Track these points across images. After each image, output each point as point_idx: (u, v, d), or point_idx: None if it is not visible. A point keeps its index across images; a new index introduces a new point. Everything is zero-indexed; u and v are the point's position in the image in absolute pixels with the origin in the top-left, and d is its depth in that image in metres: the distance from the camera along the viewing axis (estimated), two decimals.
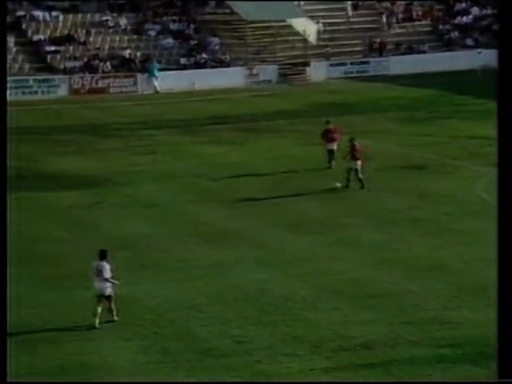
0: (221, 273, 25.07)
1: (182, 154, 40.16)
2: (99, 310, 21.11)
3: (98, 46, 58.96)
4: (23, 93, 54.60)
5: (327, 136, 36.10)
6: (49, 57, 57.62)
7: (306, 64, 60.78)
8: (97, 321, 21.06)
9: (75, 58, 57.84)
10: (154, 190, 33.93)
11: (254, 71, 59.55)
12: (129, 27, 60.78)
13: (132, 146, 41.95)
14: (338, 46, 62.27)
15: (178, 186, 33.72)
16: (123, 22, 60.90)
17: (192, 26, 61.87)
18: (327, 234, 28.34)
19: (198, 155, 39.85)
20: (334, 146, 35.81)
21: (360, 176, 32.61)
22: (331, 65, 61.42)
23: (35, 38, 58.51)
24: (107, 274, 21.15)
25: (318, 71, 60.56)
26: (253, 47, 61.16)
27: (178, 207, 31.70)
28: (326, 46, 61.90)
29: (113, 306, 21.34)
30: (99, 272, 21.18)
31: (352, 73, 61.34)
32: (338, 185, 32.41)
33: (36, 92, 54.95)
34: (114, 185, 34.97)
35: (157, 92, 56.26)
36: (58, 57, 57.68)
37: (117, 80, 56.74)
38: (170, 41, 60.36)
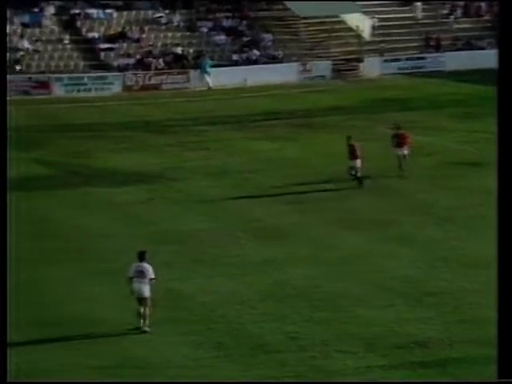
0: (273, 269, 25.05)
1: (235, 149, 40.20)
2: (142, 310, 20.77)
3: (151, 43, 59.29)
4: (78, 90, 55.08)
5: (397, 140, 35.32)
6: (102, 54, 58.06)
7: (360, 60, 60.55)
8: (142, 321, 20.75)
9: (128, 56, 58.19)
10: (206, 185, 34.02)
11: (308, 67, 59.46)
12: (182, 24, 61.03)
13: (185, 142, 42.12)
14: (393, 42, 61.89)
15: (230, 182, 33.77)
16: (176, 18, 61.16)
17: (245, 22, 61.93)
18: (381, 230, 28.17)
19: (250, 151, 39.85)
20: (405, 151, 34.65)
21: (358, 175, 32.55)
22: (385, 60, 61.08)
23: (89, 35, 59.01)
24: (150, 274, 20.80)
25: (371, 67, 60.28)
26: (306, 43, 61.07)
27: (231, 203, 31.75)
28: (381, 41, 61.57)
29: (147, 311, 20.75)
30: (140, 273, 20.74)
31: (407, 69, 60.91)
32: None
33: (90, 89, 55.36)
34: (168, 181, 35.14)
35: (209, 88, 56.41)
36: (112, 54, 58.09)
37: (170, 77, 57.00)
38: (222, 37, 60.50)
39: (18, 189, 33.75)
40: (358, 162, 32.77)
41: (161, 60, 58.08)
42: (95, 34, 58.96)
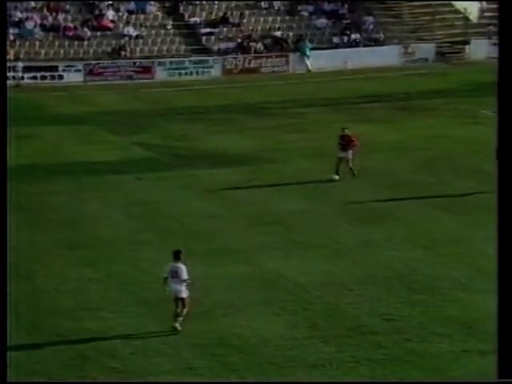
0: (370, 251, 25.01)
1: (333, 132, 40.02)
2: (179, 310, 19.93)
3: (251, 27, 59.48)
4: (179, 74, 55.66)
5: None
6: (204, 38, 58.55)
7: (466, 42, 59.59)
8: (175, 320, 19.86)
9: (229, 39, 58.54)
10: (304, 167, 34.05)
11: (410, 50, 58.84)
12: (282, 8, 61.04)
13: (284, 124, 42.23)
14: None
15: (328, 164, 33.69)
16: (277, 3, 61.19)
17: (346, 5, 61.60)
18: (481, 214, 27.78)
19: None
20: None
21: (350, 165, 31.59)
22: (493, 44, 59.95)
23: (191, 20, 59.54)
24: (184, 275, 19.85)
25: (478, 50, 59.23)
26: (409, 26, 60.41)
27: (328, 185, 31.72)
28: (489, 24, 60.48)
29: (184, 311, 19.90)
30: (174, 273, 19.89)
31: None
32: (336, 177, 31.46)
33: (191, 73, 55.89)
34: (266, 162, 35.32)
35: (309, 71, 56.38)
36: (213, 38, 58.53)
37: (269, 60, 57.12)
38: (323, 21, 60.31)
39: (119, 172, 34.41)
40: (350, 154, 31.61)
41: (260, 44, 58.25)
42: (197, 19, 59.46)
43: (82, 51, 56.13)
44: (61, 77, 53.88)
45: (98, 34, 57.05)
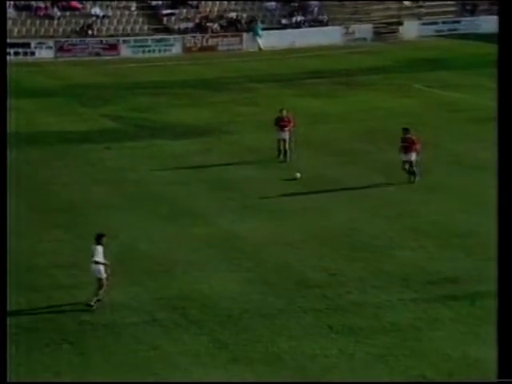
0: (315, 214, 25.06)
1: (283, 105, 39.93)
2: (96, 289, 19.01)
3: (208, 9, 59.03)
4: (143, 51, 55.14)
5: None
6: (165, 19, 58.03)
7: (400, 23, 59.75)
8: (92, 302, 18.88)
9: (188, 20, 58.08)
10: (258, 138, 33.95)
11: (350, 30, 58.82)
12: None
13: (238, 98, 42.04)
14: (431, 7, 60.90)
15: (269, 135, 33.64)
16: None
17: None
18: (415, 179, 27.95)
19: (297, 107, 39.61)
20: None
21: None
22: (423, 24, 60.15)
23: (153, 2, 58.92)
24: (96, 257, 18.90)
25: (410, 30, 59.43)
26: (349, 8, 60.36)
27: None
28: (419, 6, 60.64)
29: (100, 291, 18.94)
30: (92, 255, 19.04)
31: (443, 31, 59.89)
32: (298, 175, 27.80)
33: (154, 50, 55.43)
34: (223, 133, 35.18)
35: (260, 49, 56.13)
36: (173, 19, 58.02)
37: (225, 39, 56.81)
38: (273, 4, 60.00)
39: (89, 141, 34.08)
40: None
41: (217, 24, 57.86)
42: (159, 2, 58.83)
43: (53, 29, 55.38)
44: (33, 53, 53.13)
45: (67, 13, 56.32)
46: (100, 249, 19.01)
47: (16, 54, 52.56)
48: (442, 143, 32.33)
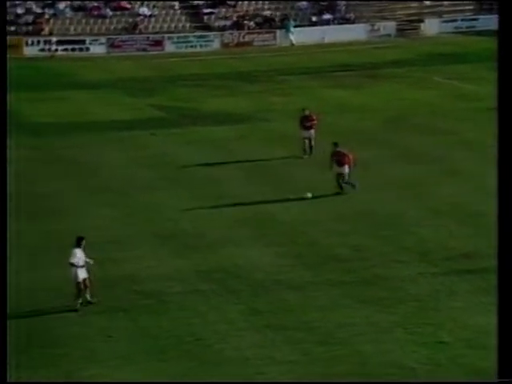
0: (342, 195, 24.96)
1: (313, 96, 39.98)
2: (78, 292, 17.82)
3: (245, 8, 58.93)
4: (185, 47, 55.20)
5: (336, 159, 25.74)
6: (205, 17, 58.06)
7: (421, 21, 59.33)
8: (78, 301, 17.74)
9: (226, 18, 58.05)
10: (289, 125, 33.82)
11: (376, 27, 58.44)
12: None
13: (271, 89, 41.96)
14: (451, 6, 60.36)
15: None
16: None
17: None
18: (434, 164, 27.82)
19: (325, 97, 39.60)
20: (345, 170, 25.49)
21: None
22: (443, 21, 59.60)
23: (195, 2, 58.95)
24: (70, 258, 17.74)
25: (431, 27, 58.96)
26: (375, 7, 59.95)
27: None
28: (439, 5, 60.10)
29: (81, 293, 17.73)
30: (74, 259, 17.78)
31: (462, 28, 59.24)
32: (309, 195, 24.63)
33: (195, 46, 55.44)
34: (258, 121, 35.16)
35: (292, 45, 55.92)
36: (213, 17, 58.03)
37: (260, 35, 56.68)
38: (304, 3, 59.73)
39: (135, 128, 34.25)
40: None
41: (252, 22, 57.81)
42: (200, 1, 58.82)
43: (105, 27, 55.70)
44: (87, 49, 53.49)
45: (118, 13, 56.60)
46: (78, 252, 17.59)
47: (73, 50, 53.01)
48: (459, 131, 32.08)
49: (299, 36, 56.05)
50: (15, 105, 38.66)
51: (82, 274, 17.73)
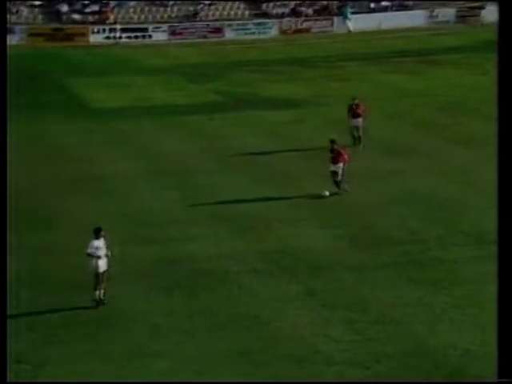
0: (397, 178, 24.85)
1: (370, 81, 39.76)
2: (97, 284, 17.02)
3: None
4: (244, 34, 55.31)
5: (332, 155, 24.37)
6: (264, 5, 57.98)
7: (481, 7, 58.28)
8: (97, 293, 16.97)
9: (284, 6, 57.89)
10: (345, 110, 33.68)
11: (434, 13, 57.68)
12: None
13: (329, 74, 41.83)
14: None
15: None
16: None
17: None
18: (490, 148, 27.41)
19: (382, 82, 39.31)
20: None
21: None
22: None
23: None
24: (91, 249, 16.89)
25: (491, 14, 57.81)
26: None
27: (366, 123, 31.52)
28: None
29: (103, 285, 16.97)
30: (95, 249, 16.91)
31: None
32: (327, 193, 23.49)
33: (254, 33, 55.51)
34: (315, 106, 35.09)
35: (350, 32, 55.55)
36: (271, 5, 57.93)
37: (317, 22, 56.47)
38: None
39: (195, 113, 34.51)
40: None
41: (310, 9, 57.54)
42: None
43: (167, 16, 56.17)
44: (150, 36, 54.10)
45: (179, 1, 56.94)
46: (95, 242, 16.79)
47: (136, 37, 53.68)
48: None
49: (357, 23, 55.61)
50: (80, 90, 39.31)
51: (102, 265, 16.80)
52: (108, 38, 53.20)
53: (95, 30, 53.46)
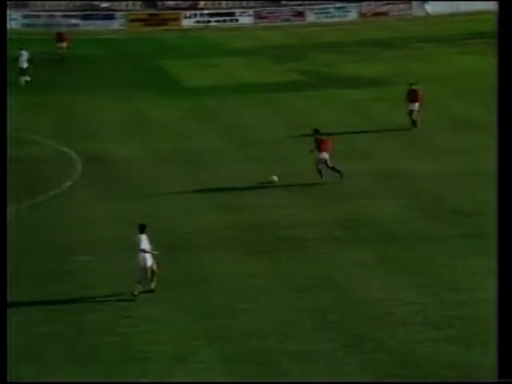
0: (465, 153, 24.53)
1: (446, 62, 39.19)
2: (149, 277, 16.56)
3: None
4: (325, 17, 55.11)
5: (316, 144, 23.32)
6: None
7: None
8: (139, 287, 16.42)
9: None
10: (425, 88, 32.88)
11: None
12: None
13: (407, 55, 41.38)
14: None
15: (435, 86, 32.92)
16: None
17: None
18: None
19: (458, 63, 38.67)
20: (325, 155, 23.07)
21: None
22: None
23: None
24: (141, 244, 16.45)
25: None
26: None
27: (440, 101, 31.08)
28: None
29: (153, 278, 16.56)
30: (138, 245, 16.53)
31: None
32: (275, 178, 22.73)
33: (334, 16, 55.25)
34: (391, 84, 34.79)
35: (428, 14, 54.60)
36: None
37: (396, 6, 55.71)
38: None
39: (279, 91, 34.68)
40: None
41: None
42: None
43: (252, 1, 56.33)
44: (237, 20, 54.46)
45: None
46: (144, 238, 16.47)
47: (224, 21, 54.21)
48: None
49: (435, 6, 54.60)
50: (173, 70, 39.99)
51: (150, 259, 16.43)
52: (198, 22, 53.84)
53: (187, 14, 54.15)
